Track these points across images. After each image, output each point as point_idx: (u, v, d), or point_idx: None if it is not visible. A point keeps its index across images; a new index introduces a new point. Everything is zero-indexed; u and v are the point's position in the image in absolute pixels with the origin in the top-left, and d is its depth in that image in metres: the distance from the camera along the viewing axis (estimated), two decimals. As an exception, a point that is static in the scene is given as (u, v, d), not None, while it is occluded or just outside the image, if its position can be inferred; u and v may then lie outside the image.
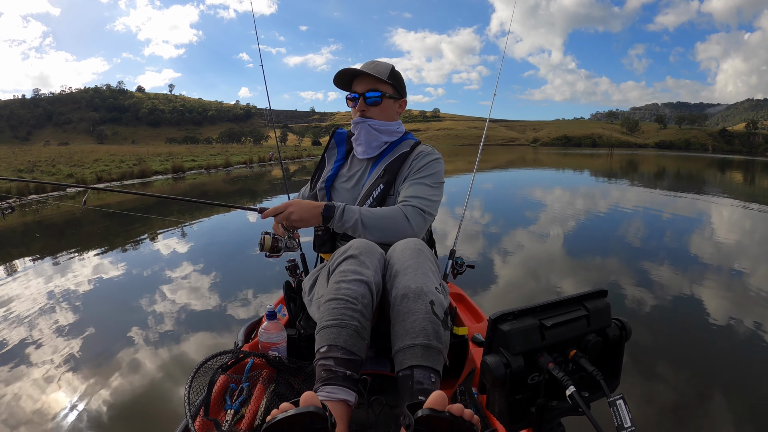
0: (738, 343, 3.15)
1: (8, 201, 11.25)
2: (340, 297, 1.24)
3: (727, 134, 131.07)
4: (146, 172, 20.13)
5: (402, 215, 1.50)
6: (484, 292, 4.12)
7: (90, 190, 4.40)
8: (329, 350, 1.19)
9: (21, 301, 3.97)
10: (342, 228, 1.50)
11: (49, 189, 14.03)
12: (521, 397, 0.80)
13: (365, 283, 1.26)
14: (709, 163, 35.09)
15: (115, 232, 7.45)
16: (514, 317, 0.80)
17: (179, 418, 1.12)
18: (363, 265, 1.29)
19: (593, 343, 0.82)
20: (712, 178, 20.32)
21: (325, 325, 1.22)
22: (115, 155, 27.51)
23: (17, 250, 6.18)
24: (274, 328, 1.44)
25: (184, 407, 1.06)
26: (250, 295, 3.96)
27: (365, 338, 1.23)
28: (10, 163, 20.41)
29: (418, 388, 1.12)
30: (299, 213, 1.48)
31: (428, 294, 1.23)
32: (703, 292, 4.15)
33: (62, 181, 15.18)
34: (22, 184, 13.18)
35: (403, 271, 1.28)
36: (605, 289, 0.89)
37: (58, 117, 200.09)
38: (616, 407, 0.71)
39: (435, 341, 1.19)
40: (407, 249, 1.34)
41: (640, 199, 11.33)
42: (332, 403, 1.13)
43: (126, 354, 2.98)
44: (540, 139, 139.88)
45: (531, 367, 0.79)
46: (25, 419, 2.31)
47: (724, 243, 6.35)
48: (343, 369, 1.18)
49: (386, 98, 1.72)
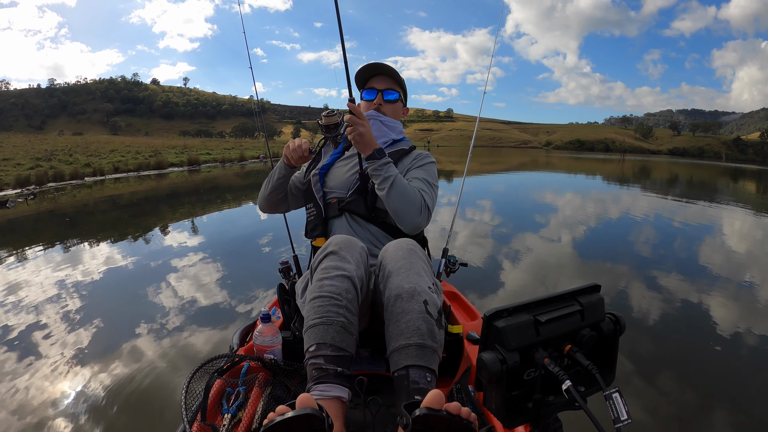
0: (744, 355, 3.13)
1: (29, 188, 11.64)
2: (324, 294, 1.25)
3: (741, 143, 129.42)
4: (162, 163, 20.39)
5: (421, 202, 1.56)
6: (492, 294, 4.11)
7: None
8: (318, 348, 1.20)
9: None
10: (379, 171, 1.52)
11: (67, 177, 14.36)
12: (518, 393, 0.80)
13: (347, 277, 1.27)
14: (722, 171, 34.67)
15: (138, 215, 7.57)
16: (509, 314, 0.80)
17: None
18: (344, 260, 1.30)
19: (588, 338, 0.83)
20: (725, 187, 20.08)
21: (311, 324, 1.23)
22: (130, 146, 27.83)
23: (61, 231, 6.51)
24: (269, 331, 1.44)
25: (181, 412, 1.07)
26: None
27: (353, 333, 1.24)
28: (28, 151, 20.72)
29: (414, 388, 1.14)
30: (368, 132, 1.50)
31: (421, 294, 1.24)
32: (712, 302, 4.12)
33: (80, 170, 15.49)
34: (41, 172, 13.53)
35: (395, 271, 1.29)
36: (598, 283, 0.89)
37: (73, 107, 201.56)
38: (612, 400, 0.72)
39: (429, 340, 1.20)
40: (399, 249, 1.35)
41: (649, 206, 11.23)
42: (326, 401, 1.15)
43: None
44: (553, 143, 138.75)
45: (527, 362, 0.79)
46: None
47: (736, 253, 6.29)
48: (334, 366, 1.19)
49: (399, 100, 1.82)
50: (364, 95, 1.82)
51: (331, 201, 1.72)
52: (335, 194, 1.72)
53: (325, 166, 1.79)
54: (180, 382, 2.46)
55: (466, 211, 8.68)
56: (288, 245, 2.27)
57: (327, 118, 1.43)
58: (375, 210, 1.67)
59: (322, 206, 1.71)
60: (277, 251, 5.35)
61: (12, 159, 17.38)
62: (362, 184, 1.68)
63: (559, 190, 14.94)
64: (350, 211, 1.68)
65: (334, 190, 1.73)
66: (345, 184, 1.72)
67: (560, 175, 23.11)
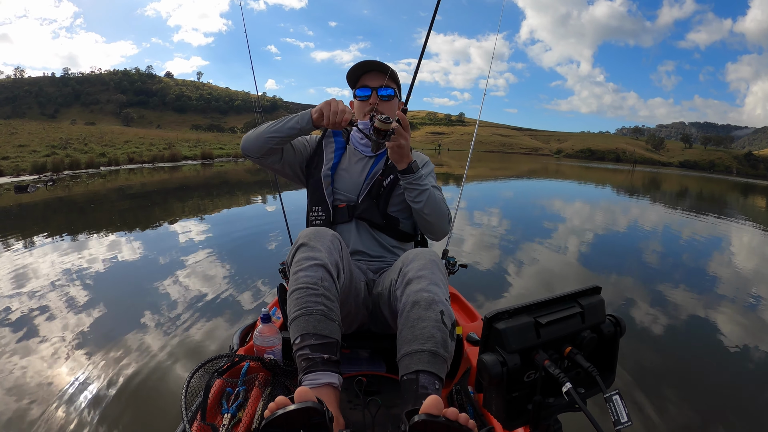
0: (746, 372, 3.10)
1: (47, 174, 11.99)
2: (301, 286, 1.27)
3: (753, 158, 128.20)
4: (177, 156, 20.63)
5: (448, 211, 1.64)
6: (493, 299, 4.10)
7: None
8: (303, 339, 1.22)
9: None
10: (416, 185, 1.54)
11: (83, 166, 14.62)
12: (518, 394, 0.81)
13: (321, 266, 1.29)
14: (732, 186, 34.36)
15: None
16: (509, 315, 0.81)
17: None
18: (314, 250, 1.31)
19: (588, 340, 0.84)
20: (734, 202, 19.90)
21: (293, 317, 1.26)
22: (144, 138, 28.04)
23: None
24: (269, 332, 1.45)
25: (181, 412, 1.08)
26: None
27: (334, 319, 1.26)
28: (43, 138, 20.96)
29: (422, 393, 1.14)
30: (408, 145, 1.49)
31: (439, 303, 1.26)
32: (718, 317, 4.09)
33: (95, 159, 15.78)
34: (58, 159, 13.84)
35: (416, 279, 1.30)
36: (599, 285, 0.89)
37: (86, 97, 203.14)
38: (612, 402, 0.73)
39: (442, 349, 1.21)
40: (422, 258, 1.36)
41: (658, 219, 11.16)
42: (318, 389, 1.17)
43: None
44: (564, 150, 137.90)
45: (527, 364, 0.80)
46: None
47: (743, 269, 6.24)
48: (320, 354, 1.21)
49: (396, 96, 1.77)
50: (357, 93, 1.75)
51: (338, 205, 1.68)
52: (343, 198, 1.69)
53: (335, 166, 1.73)
54: (178, 377, 2.48)
55: (474, 214, 8.66)
56: (288, 246, 2.26)
57: (382, 123, 1.41)
58: (387, 217, 1.66)
59: (332, 210, 1.67)
60: (284, 250, 5.38)
61: (28, 146, 17.63)
62: (374, 189, 1.66)
63: (567, 199, 14.87)
64: (364, 219, 1.65)
65: (342, 193, 1.69)
66: (354, 187, 1.69)
67: (568, 184, 23.00)
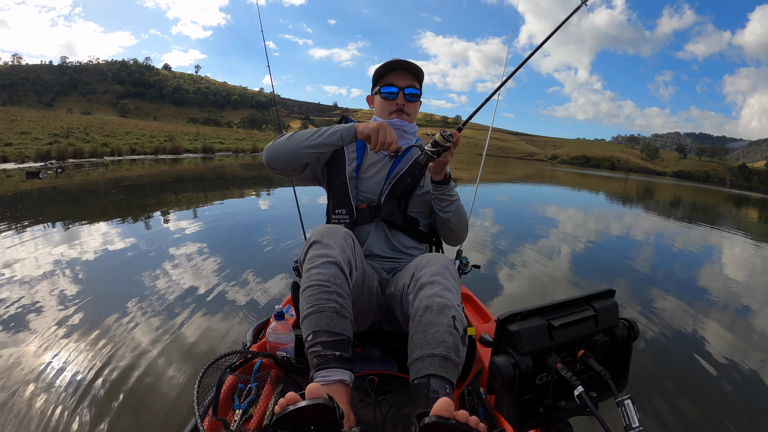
0: (738, 384, 3.12)
1: (52, 162, 12.09)
2: (313, 283, 1.27)
3: (747, 170, 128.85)
4: (178, 149, 20.68)
5: (467, 222, 1.75)
6: (490, 301, 4.12)
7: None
8: (315, 336, 1.23)
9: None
10: (448, 196, 1.62)
11: (87, 155, 14.62)
12: (530, 397, 0.81)
13: (333, 263, 1.30)
14: (726, 198, 34.56)
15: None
16: (522, 317, 0.81)
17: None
18: (327, 247, 1.32)
19: (601, 343, 0.83)
20: (727, 213, 20.02)
21: (305, 314, 1.26)
22: (144, 129, 28.00)
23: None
24: (282, 329, 1.45)
25: (193, 407, 1.09)
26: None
27: (346, 317, 1.27)
28: (44, 127, 20.91)
29: (433, 396, 1.14)
30: (446, 161, 1.54)
31: (451, 309, 1.26)
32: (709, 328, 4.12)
33: (98, 149, 15.78)
34: (62, 147, 13.90)
35: (429, 284, 1.31)
36: (613, 288, 0.89)
37: (83, 86, 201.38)
38: (624, 407, 0.73)
39: (454, 354, 1.22)
40: (436, 264, 1.37)
41: (651, 227, 11.22)
42: (330, 386, 1.17)
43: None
44: (559, 157, 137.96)
45: (539, 367, 0.80)
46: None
47: (734, 280, 6.29)
48: (332, 351, 1.21)
49: (419, 96, 1.78)
50: (382, 90, 1.72)
51: (359, 206, 1.68)
52: (365, 199, 1.69)
53: (359, 167, 1.72)
54: (190, 373, 2.49)
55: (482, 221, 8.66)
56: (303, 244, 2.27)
57: (444, 140, 1.45)
58: (407, 218, 1.68)
59: (355, 212, 1.67)
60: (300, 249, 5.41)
61: (29, 133, 17.61)
62: (395, 189, 1.66)
63: (562, 205, 14.91)
64: (387, 221, 1.66)
65: (363, 194, 1.69)
66: (375, 188, 1.69)
67: (562, 190, 23.06)
